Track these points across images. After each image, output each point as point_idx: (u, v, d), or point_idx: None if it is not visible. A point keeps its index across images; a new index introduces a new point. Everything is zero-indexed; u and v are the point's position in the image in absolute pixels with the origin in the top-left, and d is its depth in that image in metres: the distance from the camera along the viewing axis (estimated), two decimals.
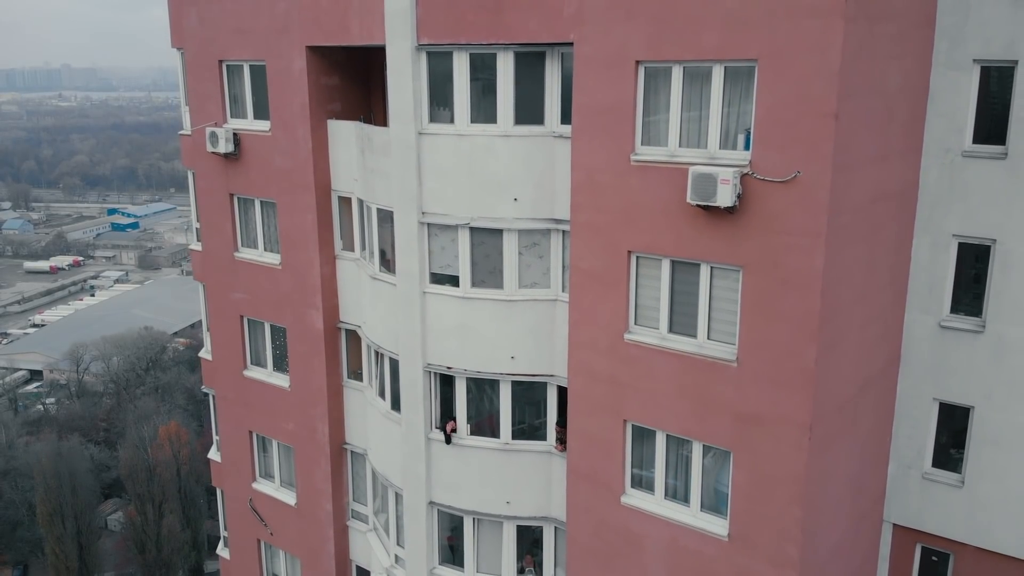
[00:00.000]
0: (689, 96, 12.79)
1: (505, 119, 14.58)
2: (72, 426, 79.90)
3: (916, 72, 13.81)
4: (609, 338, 14.17)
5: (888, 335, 14.69)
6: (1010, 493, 14.74)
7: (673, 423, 13.80)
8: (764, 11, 11.64)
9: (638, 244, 13.57)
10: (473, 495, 16.19)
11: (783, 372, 12.44)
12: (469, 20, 14.23)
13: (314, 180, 17.49)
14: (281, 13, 17.12)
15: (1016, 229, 13.90)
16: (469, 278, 15.27)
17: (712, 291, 13.15)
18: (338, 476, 19.06)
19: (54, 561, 65.09)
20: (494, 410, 15.86)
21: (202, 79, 19.13)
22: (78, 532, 66.54)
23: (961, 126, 14.12)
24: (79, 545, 66.41)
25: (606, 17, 13.06)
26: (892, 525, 16.12)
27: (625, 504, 14.59)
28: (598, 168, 13.69)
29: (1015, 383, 14.32)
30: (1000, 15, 13.50)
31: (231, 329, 20.09)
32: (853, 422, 13.90)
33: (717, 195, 12.20)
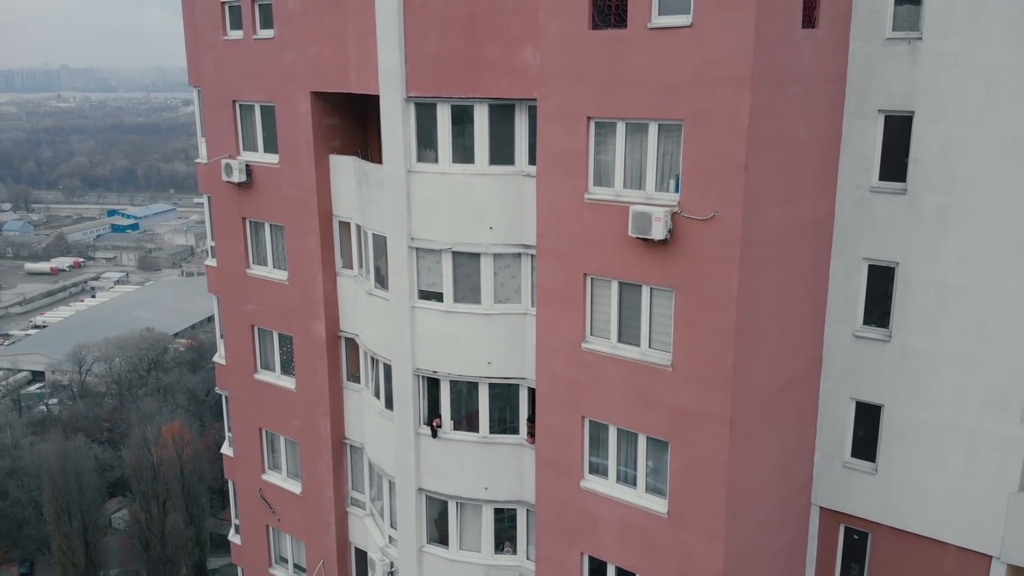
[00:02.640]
0: (631, 146, 15.32)
1: (481, 160, 17.09)
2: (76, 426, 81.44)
3: (829, 121, 16.36)
4: (569, 346, 16.70)
5: (808, 343, 17.23)
6: (915, 480, 17.29)
7: (622, 418, 16.34)
8: (689, 80, 14.18)
9: (592, 268, 16.10)
10: (456, 482, 18.70)
11: (708, 375, 14.99)
12: (450, 78, 16.74)
13: (317, 207, 20.01)
14: (288, 62, 19.62)
15: (915, 254, 16.45)
16: (452, 295, 17.78)
17: (652, 308, 15.69)
18: (339, 467, 21.59)
19: (61, 558, 66.84)
20: (474, 408, 18.37)
21: (217, 116, 21.65)
22: (84, 530, 68.07)
23: (869, 166, 16.67)
24: (85, 542, 68.01)
25: (562, 80, 15.59)
26: (819, 508, 18.66)
27: (584, 488, 17.13)
28: (558, 204, 16.23)
29: (916, 385, 16.87)
30: (900, 72, 16.05)
31: (243, 337, 22.62)
32: (774, 417, 16.44)
33: (652, 230, 14.75)
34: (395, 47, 16.95)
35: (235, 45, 20.80)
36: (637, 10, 14.54)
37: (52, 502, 67.10)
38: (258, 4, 20.14)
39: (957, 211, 15.82)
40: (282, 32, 19.61)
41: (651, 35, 14.46)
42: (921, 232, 16.23)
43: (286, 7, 19.37)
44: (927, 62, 15.68)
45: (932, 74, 15.67)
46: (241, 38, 20.61)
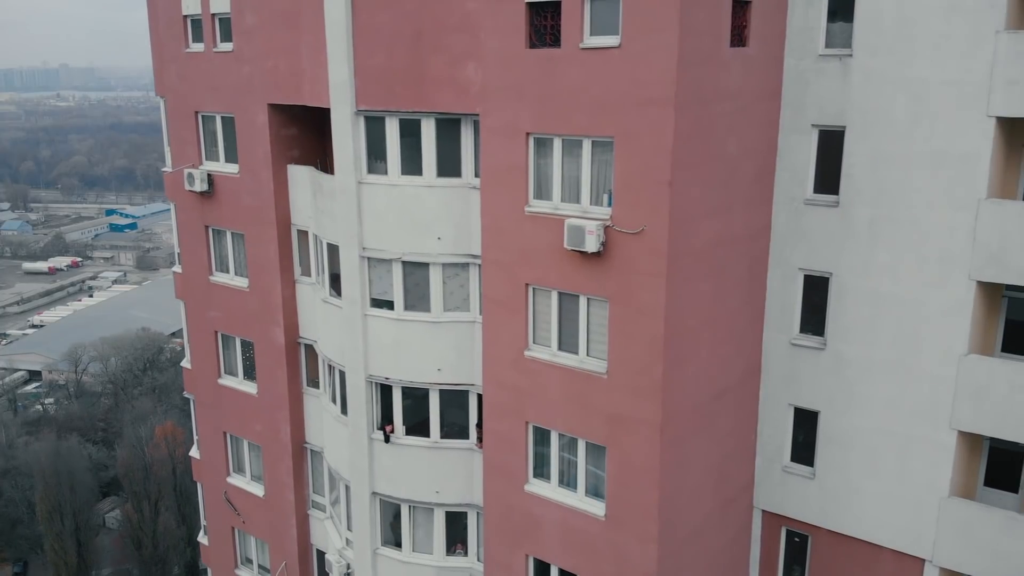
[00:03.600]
0: (567, 161, 15.80)
1: (429, 172, 17.57)
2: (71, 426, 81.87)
3: (763, 135, 16.83)
4: (513, 354, 17.18)
5: (745, 350, 17.70)
6: (851, 484, 17.76)
7: (562, 424, 16.82)
8: (618, 100, 14.65)
9: (533, 278, 16.58)
10: (408, 486, 19.18)
11: (640, 383, 15.47)
12: (398, 92, 17.21)
13: (275, 216, 20.49)
14: (246, 75, 20.10)
15: (847, 264, 16.92)
16: (402, 303, 18.26)
17: (589, 317, 16.17)
18: (299, 471, 22.08)
19: (53, 558, 67.30)
20: (426, 414, 18.85)
21: (181, 126, 22.14)
22: (76, 529, 68.52)
23: (803, 179, 17.14)
24: (78, 542, 68.43)
25: (502, 97, 16.06)
26: (761, 511, 19.14)
27: (528, 491, 17.61)
28: (501, 216, 16.71)
29: (850, 391, 17.34)
30: (832, 88, 16.52)
31: (207, 342, 23.12)
32: (710, 423, 16.92)
33: (585, 243, 15.24)
34: (344, 62, 17.41)
35: (197, 58, 21.28)
36: (570, 30, 15.01)
37: (44, 502, 67.60)
38: (218, 18, 20.62)
39: (887, 223, 16.28)
40: (240, 46, 20.09)
41: (583, 55, 14.93)
42: (853, 243, 16.70)
43: (244, 22, 19.85)
44: (857, 79, 16.15)
45: (862, 90, 16.13)
46: (202, 51, 21.10)
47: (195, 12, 21.00)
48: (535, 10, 15.51)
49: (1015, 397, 15.55)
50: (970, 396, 15.96)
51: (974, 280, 15.58)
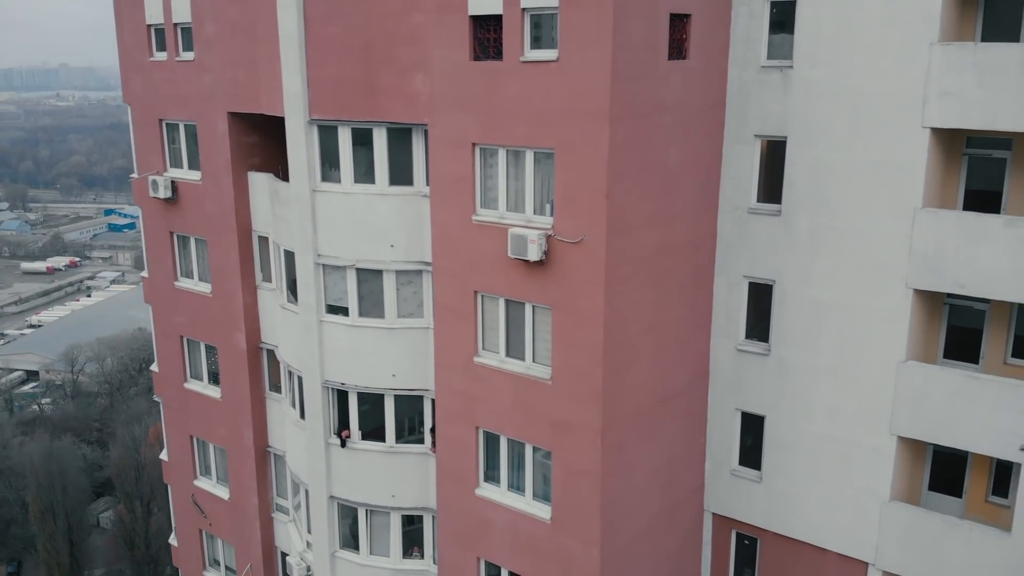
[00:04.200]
0: (512, 172, 16.08)
1: (382, 181, 17.84)
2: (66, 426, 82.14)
3: (707, 145, 17.09)
4: (463, 360, 17.46)
5: (692, 356, 17.97)
6: (796, 488, 18.04)
7: (510, 429, 17.11)
8: (557, 112, 14.93)
9: (481, 285, 16.86)
10: (365, 490, 19.46)
11: (581, 389, 15.75)
12: (350, 102, 17.49)
13: (236, 223, 20.78)
14: (207, 84, 20.39)
15: (790, 272, 17.19)
16: (357, 309, 18.52)
17: (534, 324, 16.46)
18: (262, 475, 22.38)
19: (46, 558, 67.60)
20: (381, 419, 19.12)
21: (146, 133, 22.44)
22: (69, 530, 68.83)
23: (747, 188, 17.40)
24: (70, 542, 68.75)
25: (449, 107, 16.34)
26: (712, 514, 19.42)
27: (479, 495, 17.89)
28: (450, 224, 16.99)
29: (794, 396, 17.61)
30: (774, 99, 16.79)
31: (173, 347, 23.42)
32: (655, 427, 17.19)
33: (528, 252, 15.52)
34: (297, 72, 17.69)
35: (160, 66, 21.58)
36: (511, 44, 15.29)
37: (37, 502, 67.86)
38: (180, 28, 20.91)
39: (827, 232, 16.55)
40: (201, 55, 20.38)
41: (524, 68, 15.21)
42: (795, 251, 16.97)
43: (204, 32, 20.14)
44: (798, 89, 16.42)
45: (803, 101, 16.40)
46: (165, 60, 21.40)
47: (158, 21, 21.30)
48: (479, 23, 15.78)
49: (951, 403, 15.82)
50: (908, 402, 16.24)
51: (911, 288, 15.83)
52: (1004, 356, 16.45)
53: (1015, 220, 14.82)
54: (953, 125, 14.99)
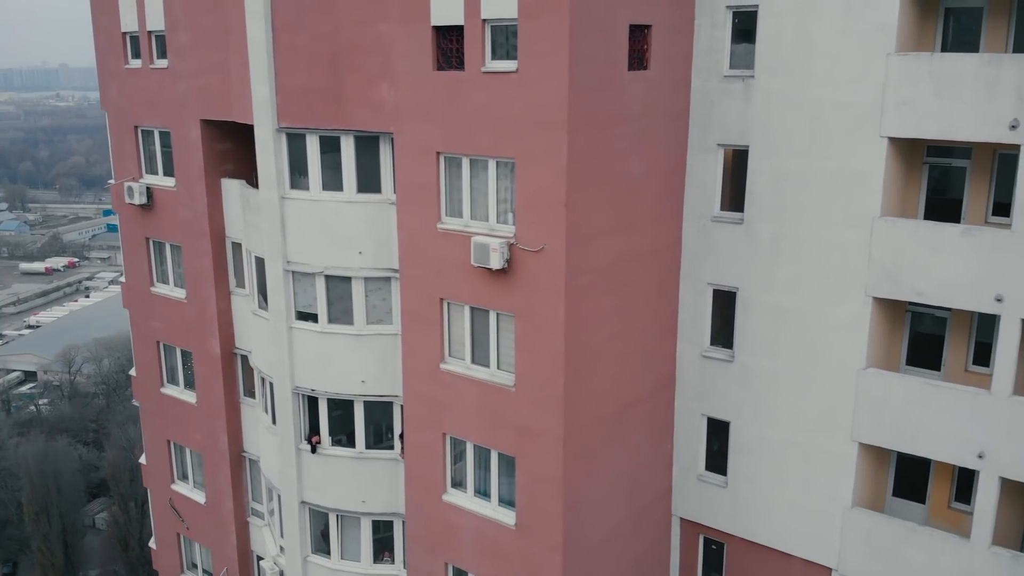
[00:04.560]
0: (475, 180, 16.22)
1: (350, 188, 17.97)
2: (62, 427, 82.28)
3: (671, 154, 17.22)
4: (430, 367, 17.60)
5: (658, 362, 18.10)
6: (761, 494, 18.17)
7: (476, 435, 17.24)
8: (517, 122, 15.07)
9: (447, 293, 17.00)
10: (335, 495, 19.59)
11: (543, 396, 15.89)
12: (318, 110, 17.62)
13: (209, 229, 20.92)
14: (181, 91, 20.53)
15: (752, 280, 17.32)
16: (326, 316, 18.66)
17: (499, 332, 16.60)
18: (237, 479, 22.52)
19: (40, 559, 67.72)
20: (351, 425, 19.26)
21: (122, 140, 22.58)
22: (63, 531, 69.01)
23: (711, 196, 17.54)
24: (64, 543, 68.91)
25: (414, 116, 16.48)
26: (680, 519, 19.55)
27: (446, 501, 18.03)
28: (416, 232, 17.13)
29: (758, 402, 17.75)
30: (736, 109, 16.92)
31: (150, 352, 23.56)
32: (619, 434, 17.32)
33: (490, 260, 15.66)
34: (266, 81, 17.82)
35: (135, 73, 21.73)
36: (472, 54, 15.43)
37: (31, 503, 67.98)
38: (154, 36, 21.06)
39: (788, 240, 16.68)
40: (174, 63, 20.53)
41: (485, 78, 15.35)
42: (757, 259, 17.10)
43: (177, 40, 20.29)
44: (759, 99, 16.55)
45: (764, 111, 16.53)
46: (140, 67, 21.54)
47: (133, 29, 21.44)
48: (441, 34, 15.92)
49: (911, 411, 15.95)
50: (869, 409, 16.37)
51: (870, 296, 15.96)
52: (965, 363, 16.59)
53: (971, 229, 14.95)
54: (910, 135, 15.13)
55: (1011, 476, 15.24)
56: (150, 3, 20.76)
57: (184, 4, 19.94)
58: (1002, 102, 14.17)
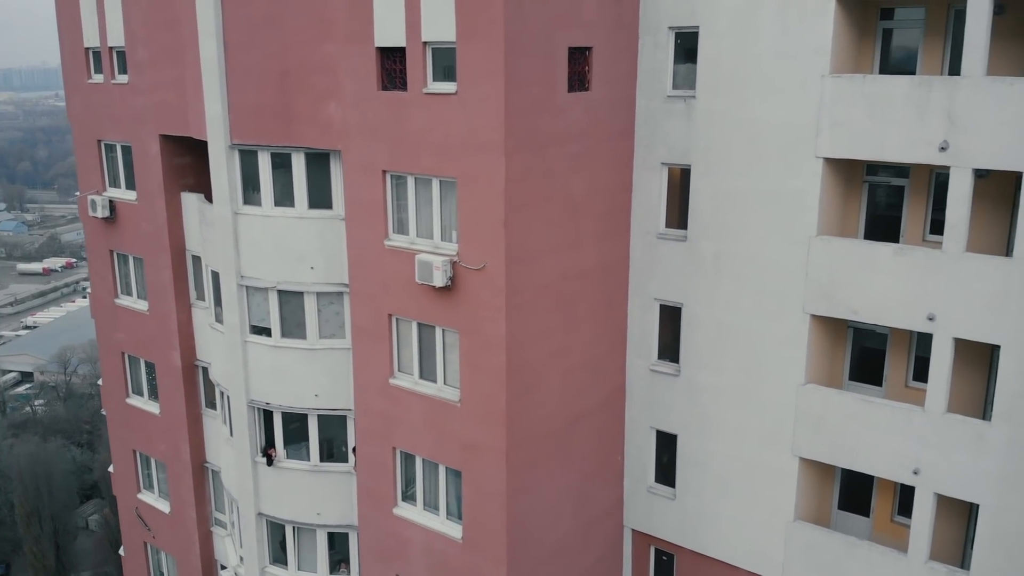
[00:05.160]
0: (421, 198, 16.44)
1: (301, 204, 18.19)
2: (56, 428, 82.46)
3: (616, 172, 17.44)
4: (380, 382, 17.83)
5: (606, 376, 18.31)
6: (707, 506, 18.39)
7: (424, 450, 17.47)
8: (458, 143, 15.29)
9: (395, 309, 17.22)
10: (291, 507, 19.81)
11: (487, 411, 16.11)
12: (269, 128, 17.84)
13: (170, 242, 21.15)
14: (140, 107, 20.76)
15: (697, 296, 17.54)
16: (279, 330, 18.87)
17: (445, 348, 16.82)
18: (200, 489, 22.75)
19: (32, 561, 67.96)
20: (306, 438, 19.48)
21: (86, 153, 22.82)
22: (55, 532, 69.23)
23: (656, 214, 17.75)
24: (56, 545, 69.11)
25: (360, 135, 16.70)
26: (631, 530, 19.77)
27: (396, 514, 18.26)
28: (364, 248, 17.35)
29: (703, 416, 17.96)
30: (678, 128, 17.13)
31: (115, 362, 23.79)
32: (566, 447, 17.54)
33: (433, 277, 15.88)
34: (218, 98, 18.03)
35: (98, 88, 21.95)
36: (415, 75, 15.66)
37: (22, 505, 68.14)
38: (115, 51, 21.28)
39: (729, 257, 16.90)
40: (134, 78, 20.75)
41: (427, 99, 15.57)
42: (700, 276, 17.31)
43: (136, 56, 20.51)
44: (700, 119, 16.76)
45: (705, 130, 16.74)
46: (102, 82, 21.76)
47: (95, 45, 21.66)
48: (385, 55, 16.14)
49: (848, 426, 16.16)
50: (808, 424, 16.59)
51: (808, 313, 16.17)
52: (905, 379, 16.80)
53: (904, 249, 15.16)
54: (844, 155, 15.34)
55: (946, 492, 15.45)
56: (111, 19, 20.97)
57: (143, 21, 20.16)
58: (932, 124, 14.38)
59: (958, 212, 14.43)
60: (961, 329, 14.75)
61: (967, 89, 14.00)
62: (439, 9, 15.02)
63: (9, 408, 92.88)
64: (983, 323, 14.53)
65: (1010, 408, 14.56)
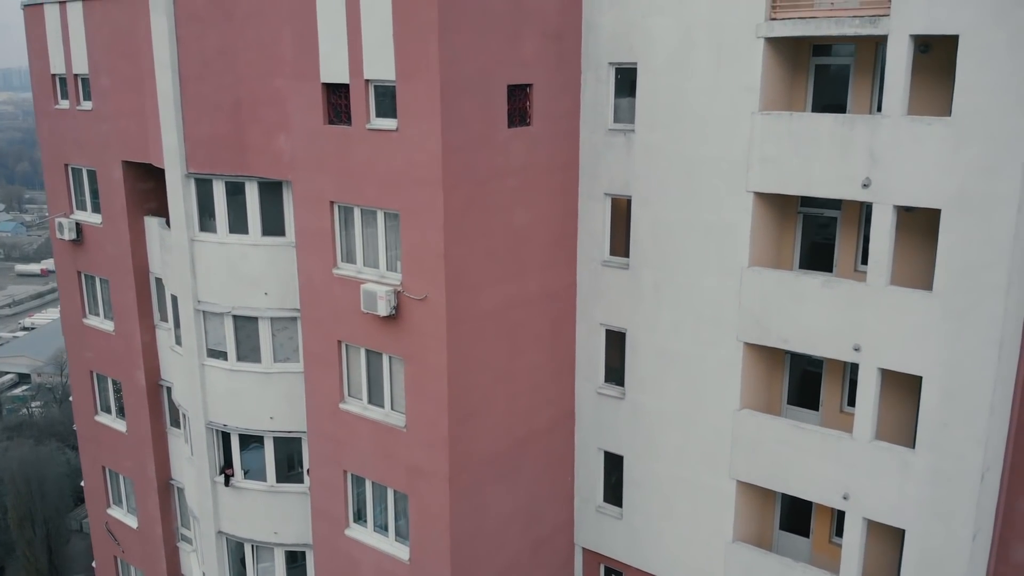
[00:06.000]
0: (367, 229, 16.89)
1: (255, 231, 18.64)
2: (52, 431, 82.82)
3: (561, 202, 17.88)
4: (331, 406, 18.28)
5: (554, 399, 18.75)
6: (652, 526, 18.84)
7: (373, 473, 17.92)
8: (399, 177, 15.74)
9: (344, 335, 17.67)
10: (250, 526, 20.27)
11: (430, 437, 16.57)
12: (223, 158, 18.29)
13: (133, 265, 21.63)
14: (104, 133, 21.22)
15: (639, 322, 17.98)
16: (235, 354, 19.33)
17: (391, 374, 17.27)
18: (166, 506, 23.23)
19: (25, 564, 68.44)
20: (263, 459, 19.93)
21: (53, 177, 23.28)
22: (48, 536, 69.67)
23: (600, 242, 18.20)
24: (49, 548, 69.54)
25: (308, 166, 17.15)
26: (582, 548, 20.22)
27: (348, 535, 18.72)
28: (314, 276, 17.80)
29: (647, 439, 18.41)
30: (619, 160, 17.58)
31: (84, 380, 24.27)
32: (512, 470, 17.98)
33: (377, 307, 16.33)
34: (174, 129, 18.47)
35: (64, 114, 22.42)
36: (358, 111, 16.11)
37: (15, 509, 68.59)
38: (80, 79, 21.74)
39: (668, 286, 17.34)
40: (98, 105, 21.22)
41: (370, 135, 16.03)
42: (642, 302, 17.76)
43: (100, 84, 20.98)
44: (640, 152, 17.20)
45: (644, 163, 17.18)
46: (68, 108, 22.22)
47: (61, 72, 22.13)
48: (331, 90, 16.58)
49: (781, 451, 16.61)
50: (744, 448, 17.03)
51: (741, 341, 16.61)
52: (840, 405, 17.25)
53: (831, 281, 15.60)
54: (773, 190, 15.77)
55: (874, 517, 15.89)
56: (75, 48, 21.43)
57: (105, 51, 20.62)
58: (855, 161, 14.82)
59: (881, 247, 14.87)
60: (886, 360, 15.19)
61: (887, 128, 14.44)
62: (380, 50, 15.47)
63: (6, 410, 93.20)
64: (906, 355, 14.97)
65: (933, 437, 15.00)
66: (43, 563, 68.53)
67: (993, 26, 13.34)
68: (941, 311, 14.50)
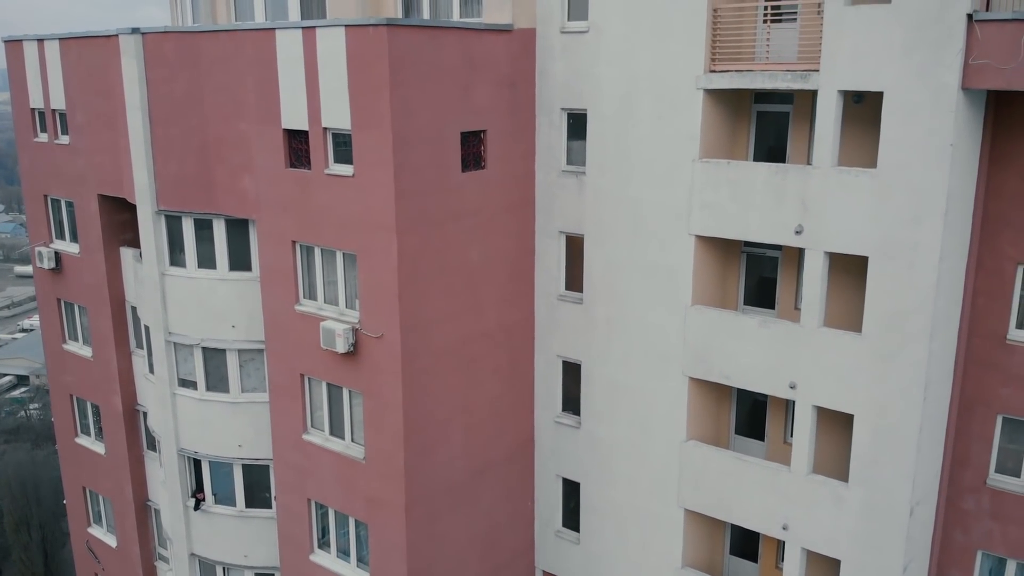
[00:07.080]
0: (327, 268, 17.55)
1: (222, 266, 19.29)
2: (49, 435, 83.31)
3: (517, 240, 18.55)
4: (295, 436, 18.96)
5: (514, 428, 19.42)
6: (607, 551, 19.51)
7: (335, 502, 18.60)
8: (355, 221, 16.41)
9: (306, 369, 18.34)
10: (220, 549, 20.94)
11: (387, 469, 17.25)
12: (192, 196, 18.94)
13: (109, 294, 22.28)
14: (80, 167, 21.88)
15: (592, 354, 18.65)
16: (204, 384, 20.00)
17: (351, 407, 17.95)
18: (143, 526, 23.91)
19: (21, 568, 69.11)
20: (232, 484, 20.60)
21: (34, 207, 23.94)
22: (43, 540, 70.29)
23: (556, 277, 18.88)
24: (44, 553, 70.15)
25: (271, 207, 17.82)
26: (543, 572, 20.90)
27: (312, 560, 19.40)
28: (277, 311, 18.47)
29: (602, 467, 19.09)
30: (572, 200, 18.24)
31: (64, 403, 24.95)
32: (471, 498, 18.65)
33: (336, 344, 17.00)
34: (144, 168, 19.12)
35: (43, 147, 23.07)
36: (317, 157, 16.77)
37: (11, 514, 69.19)
38: (58, 114, 22.39)
39: (619, 321, 18.02)
40: (75, 140, 21.87)
41: (328, 179, 16.69)
42: (595, 336, 18.44)
43: (76, 119, 21.63)
44: (590, 194, 17.87)
45: (594, 204, 17.85)
46: (47, 141, 22.88)
47: (40, 106, 22.76)
48: (292, 136, 17.23)
49: (724, 482, 17.28)
50: (690, 478, 17.71)
51: (687, 376, 17.28)
52: (784, 436, 17.92)
53: (768, 321, 16.27)
54: (713, 234, 16.44)
55: (812, 548, 16.57)
56: (53, 83, 22.07)
57: (80, 88, 21.26)
58: (788, 209, 15.48)
59: (813, 291, 15.54)
60: (820, 398, 15.87)
61: (818, 178, 15.10)
62: (336, 101, 16.13)
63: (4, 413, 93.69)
64: (838, 393, 15.64)
65: (864, 473, 15.67)
66: (39, 567, 69.14)
67: (916, 84, 13.99)
68: (870, 353, 15.16)
